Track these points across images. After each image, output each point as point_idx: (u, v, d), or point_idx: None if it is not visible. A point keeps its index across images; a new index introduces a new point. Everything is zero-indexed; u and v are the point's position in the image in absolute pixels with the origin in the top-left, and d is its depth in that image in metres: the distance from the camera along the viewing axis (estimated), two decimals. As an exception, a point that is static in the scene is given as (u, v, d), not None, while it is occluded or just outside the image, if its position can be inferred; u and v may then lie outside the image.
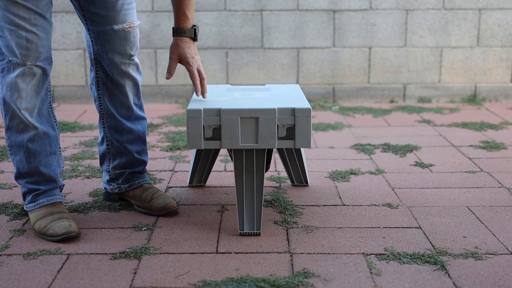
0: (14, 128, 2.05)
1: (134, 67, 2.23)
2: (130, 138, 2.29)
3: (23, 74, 1.98)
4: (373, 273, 1.82)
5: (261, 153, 2.06)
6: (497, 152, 3.06)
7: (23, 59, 1.97)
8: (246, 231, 2.09)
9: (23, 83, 1.99)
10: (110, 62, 2.18)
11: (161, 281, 1.78)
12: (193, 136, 2.03)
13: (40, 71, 2.01)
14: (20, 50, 1.96)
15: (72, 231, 2.03)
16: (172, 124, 3.69)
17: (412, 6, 4.19)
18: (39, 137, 2.07)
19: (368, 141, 3.29)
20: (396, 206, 2.36)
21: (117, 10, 2.12)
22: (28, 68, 1.98)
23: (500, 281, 1.77)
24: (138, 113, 2.29)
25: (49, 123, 2.11)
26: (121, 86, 2.22)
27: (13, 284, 1.76)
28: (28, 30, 1.95)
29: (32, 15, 1.95)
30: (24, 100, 2.01)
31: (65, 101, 4.27)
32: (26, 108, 2.02)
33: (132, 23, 2.16)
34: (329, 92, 4.31)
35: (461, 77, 4.29)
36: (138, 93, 2.28)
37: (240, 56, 4.23)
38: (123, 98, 2.24)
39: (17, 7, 1.93)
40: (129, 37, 2.17)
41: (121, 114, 2.26)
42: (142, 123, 2.31)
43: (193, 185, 2.60)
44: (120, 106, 2.25)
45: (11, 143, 2.08)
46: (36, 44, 1.97)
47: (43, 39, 1.98)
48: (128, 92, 2.23)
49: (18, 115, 2.02)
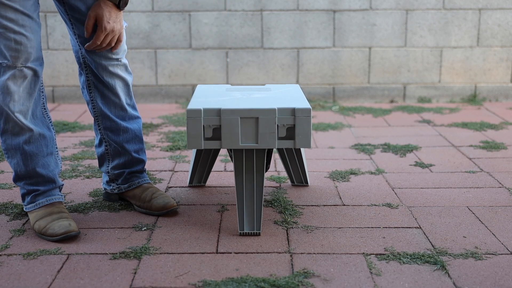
0: (9, 132, 2.05)
1: (123, 68, 2.23)
2: (126, 137, 2.29)
3: (14, 76, 1.97)
4: (373, 273, 1.82)
5: (261, 153, 2.06)
6: (497, 152, 3.06)
7: (13, 61, 1.95)
8: (246, 231, 2.09)
9: (14, 86, 1.98)
10: (98, 65, 2.17)
11: (161, 281, 1.78)
12: (193, 136, 2.02)
13: (31, 73, 2.00)
14: (10, 52, 1.94)
15: (71, 231, 2.03)
16: (172, 124, 3.69)
17: (412, 6, 4.19)
18: (35, 139, 2.07)
19: (368, 141, 3.29)
20: (396, 206, 2.36)
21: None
22: (18, 70, 1.97)
23: (500, 281, 1.77)
24: (132, 113, 2.29)
25: (44, 124, 2.11)
26: (111, 87, 2.21)
27: (13, 284, 1.76)
28: (16, 32, 1.93)
29: (19, 16, 1.94)
30: (17, 103, 2.00)
31: (65, 101, 4.27)
32: (19, 111, 2.01)
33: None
34: (329, 92, 4.31)
35: (461, 77, 4.29)
36: (129, 93, 2.27)
37: (240, 56, 4.23)
38: (115, 98, 2.23)
39: (3, 8, 1.91)
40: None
41: (115, 115, 2.26)
42: (137, 121, 2.31)
43: (193, 185, 2.60)
44: (114, 107, 2.25)
45: (7, 147, 2.08)
46: (25, 46, 1.96)
47: (32, 40, 1.97)
48: (119, 92, 2.23)
49: (12, 118, 2.01)
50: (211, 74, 4.25)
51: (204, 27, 4.19)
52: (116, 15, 2.09)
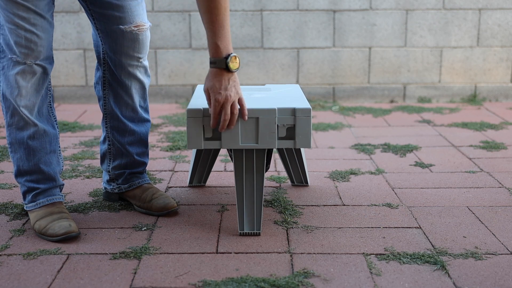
0: (14, 125, 2.06)
1: (142, 70, 2.22)
2: (131, 140, 2.28)
3: (23, 72, 1.98)
4: (373, 273, 1.82)
5: (261, 153, 2.06)
6: (497, 152, 3.06)
7: (22, 57, 1.97)
8: (246, 231, 2.09)
9: (23, 81, 1.99)
10: (117, 63, 2.17)
11: (161, 281, 1.78)
12: (193, 136, 2.02)
13: (41, 70, 2.01)
14: (20, 49, 1.96)
15: (72, 231, 2.03)
16: (172, 124, 3.69)
17: (412, 6, 4.19)
18: (39, 134, 2.07)
19: (368, 141, 3.29)
20: (396, 206, 2.36)
21: (123, 9, 2.11)
22: (28, 66, 1.98)
23: (500, 281, 1.77)
24: (143, 115, 2.29)
25: (49, 122, 2.11)
26: (127, 87, 2.21)
27: (13, 284, 1.76)
28: (27, 30, 1.94)
29: (32, 14, 1.95)
30: (24, 98, 2.01)
31: (65, 101, 4.27)
32: (25, 106, 2.02)
33: (141, 25, 2.14)
34: (329, 92, 4.31)
35: (461, 77, 4.29)
36: (144, 96, 2.27)
37: (240, 56, 4.23)
38: (128, 99, 2.23)
39: (16, 6, 1.93)
40: (137, 39, 2.15)
41: (125, 116, 2.25)
42: (146, 125, 2.31)
43: (193, 185, 2.60)
44: (125, 108, 2.24)
45: (12, 140, 2.09)
46: (35, 44, 1.97)
47: (43, 39, 1.98)
48: (134, 94, 2.23)
49: (18, 112, 2.02)
50: (211, 74, 4.25)
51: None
52: (229, 81, 1.94)
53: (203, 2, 1.91)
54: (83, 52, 4.21)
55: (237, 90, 1.96)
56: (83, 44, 4.20)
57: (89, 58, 4.22)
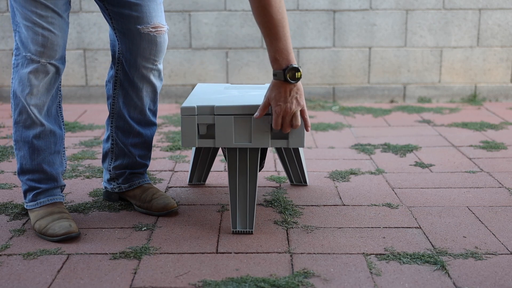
0: (21, 123, 2.06)
1: (156, 73, 2.21)
2: (135, 141, 2.28)
3: (36, 70, 1.98)
4: (373, 273, 1.82)
5: (255, 152, 2.06)
6: (497, 152, 3.06)
7: (38, 55, 1.97)
8: (238, 229, 2.09)
9: (35, 80, 1.99)
10: (132, 64, 2.16)
11: (161, 281, 1.78)
12: (187, 134, 2.02)
13: (54, 69, 2.02)
14: (36, 47, 1.96)
15: (72, 231, 2.03)
16: (172, 124, 3.69)
17: (412, 6, 4.19)
18: (45, 134, 2.08)
19: (368, 141, 3.29)
20: (396, 206, 2.36)
21: (141, 9, 2.11)
22: (42, 65, 1.98)
23: (500, 281, 1.77)
24: (151, 119, 2.29)
25: (57, 122, 2.12)
26: (138, 89, 2.21)
27: (13, 284, 1.76)
28: (45, 28, 1.95)
29: (50, 13, 1.95)
30: (34, 97, 2.01)
31: (65, 101, 4.27)
32: (35, 105, 2.02)
33: (159, 27, 2.13)
34: (329, 92, 4.31)
35: (461, 77, 4.29)
36: (155, 99, 2.27)
37: (240, 56, 4.23)
38: (138, 101, 2.23)
39: (34, 4, 1.93)
40: (156, 42, 2.14)
41: (132, 117, 2.25)
42: (152, 128, 2.31)
43: (193, 183, 2.60)
44: (133, 109, 2.24)
45: (17, 138, 2.09)
46: (52, 42, 1.97)
47: (59, 38, 1.98)
48: (144, 96, 2.22)
49: (26, 111, 2.03)
50: (211, 74, 4.25)
51: (204, 27, 4.19)
52: (290, 92, 1.92)
53: (256, 18, 1.91)
54: (83, 52, 4.21)
55: (298, 101, 1.94)
56: (83, 44, 4.20)
57: (89, 58, 4.22)
